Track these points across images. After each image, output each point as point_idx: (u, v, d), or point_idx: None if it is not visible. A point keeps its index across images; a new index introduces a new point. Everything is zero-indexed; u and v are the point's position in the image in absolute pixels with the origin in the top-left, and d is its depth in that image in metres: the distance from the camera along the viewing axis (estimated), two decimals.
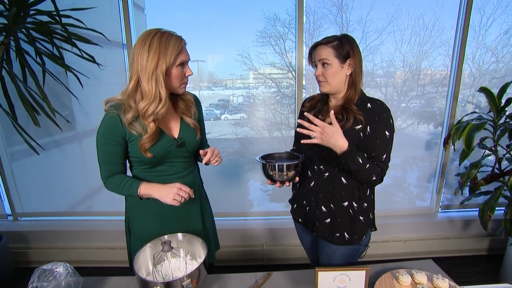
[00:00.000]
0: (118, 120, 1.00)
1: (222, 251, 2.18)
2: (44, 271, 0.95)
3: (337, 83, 1.08)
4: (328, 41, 1.06)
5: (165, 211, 1.14)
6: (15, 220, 2.43)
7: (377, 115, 1.05)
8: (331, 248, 1.16)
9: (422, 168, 2.42)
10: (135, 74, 0.97)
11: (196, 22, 2.17)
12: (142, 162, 1.08)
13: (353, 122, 1.05)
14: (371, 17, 2.10)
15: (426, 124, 2.35)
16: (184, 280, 0.90)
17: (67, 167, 2.40)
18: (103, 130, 1.02)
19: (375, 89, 2.27)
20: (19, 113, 1.76)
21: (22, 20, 1.70)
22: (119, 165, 1.08)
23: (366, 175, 1.03)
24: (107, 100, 1.03)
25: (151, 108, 0.97)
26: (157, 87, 0.96)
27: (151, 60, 0.94)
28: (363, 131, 1.05)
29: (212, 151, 1.10)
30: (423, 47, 2.16)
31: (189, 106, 1.13)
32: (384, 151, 1.06)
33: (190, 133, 1.14)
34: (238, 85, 2.47)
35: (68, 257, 2.23)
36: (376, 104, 1.08)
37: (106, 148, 1.03)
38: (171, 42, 0.96)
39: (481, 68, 2.23)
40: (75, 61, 1.87)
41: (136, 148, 1.02)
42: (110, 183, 1.08)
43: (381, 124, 1.04)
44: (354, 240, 1.14)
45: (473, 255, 2.33)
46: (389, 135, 1.05)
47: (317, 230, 1.17)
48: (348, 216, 1.13)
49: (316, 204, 1.15)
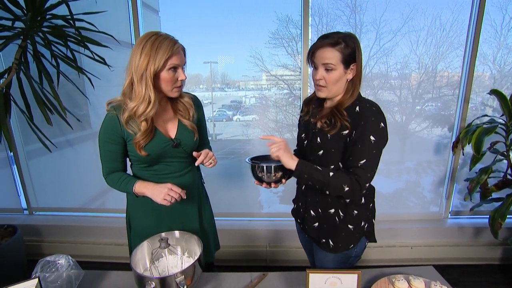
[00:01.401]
0: (117, 120, 1.04)
1: (226, 251, 2.22)
2: (47, 263, 1.00)
3: (337, 88, 1.01)
4: (335, 42, 0.95)
5: (162, 209, 1.16)
6: (30, 214, 2.55)
7: (364, 120, 0.95)
8: (322, 253, 1.16)
9: (437, 172, 2.36)
10: (130, 74, 1.00)
11: (209, 24, 2.21)
12: (139, 161, 1.12)
13: (339, 128, 0.99)
14: (385, 18, 2.06)
15: (440, 127, 2.29)
16: (178, 277, 0.92)
17: (81, 165, 2.50)
18: (104, 130, 1.07)
19: (389, 91, 2.23)
20: (34, 113, 1.86)
21: (38, 24, 1.79)
22: (119, 163, 1.12)
23: (332, 187, 0.97)
24: (109, 101, 1.08)
25: (141, 109, 1.00)
26: (147, 89, 0.98)
27: (141, 62, 0.96)
28: (349, 136, 0.99)
29: (206, 153, 1.11)
30: (440, 48, 2.11)
31: (187, 108, 1.15)
32: (363, 156, 0.95)
33: (187, 134, 1.15)
34: (251, 87, 2.49)
35: (78, 251, 2.32)
36: (365, 107, 0.99)
37: (106, 147, 1.08)
38: (163, 46, 0.97)
39: (503, 69, 2.15)
40: (87, 63, 1.95)
41: (133, 146, 1.06)
42: (110, 180, 1.13)
43: (366, 127, 0.94)
44: (339, 248, 1.10)
45: (486, 263, 2.24)
46: (374, 140, 0.94)
47: (308, 233, 1.17)
48: (333, 223, 1.10)
49: (305, 207, 1.15)
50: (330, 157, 1.04)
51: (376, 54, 2.12)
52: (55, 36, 1.82)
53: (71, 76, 1.97)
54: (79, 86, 2.04)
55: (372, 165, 0.97)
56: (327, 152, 1.04)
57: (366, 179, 0.97)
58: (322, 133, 1.05)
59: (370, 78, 2.18)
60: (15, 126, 2.37)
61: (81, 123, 2.24)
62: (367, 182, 0.98)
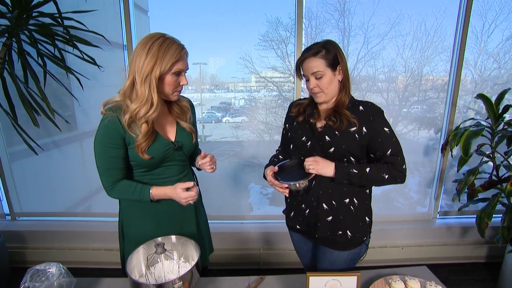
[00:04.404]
0: (118, 123, 0.99)
1: (219, 254, 2.20)
2: (37, 271, 0.95)
3: (332, 90, 1.09)
4: (316, 51, 1.05)
5: (160, 214, 1.14)
6: (13, 219, 2.44)
7: (372, 115, 1.07)
8: (333, 254, 1.16)
9: (423, 173, 2.42)
10: (132, 74, 0.98)
11: (198, 25, 2.19)
12: (140, 165, 1.08)
13: (347, 125, 1.06)
14: (373, 22, 2.11)
15: (426, 129, 2.35)
16: (176, 283, 0.90)
17: (67, 168, 2.42)
18: (103, 134, 1.00)
19: (377, 94, 2.27)
20: (19, 113, 1.78)
21: (24, 22, 1.72)
22: (122, 169, 1.06)
23: (374, 179, 1.05)
24: (106, 102, 1.03)
25: (142, 111, 0.97)
26: (150, 91, 0.96)
27: (147, 64, 0.94)
28: (359, 133, 1.06)
29: (211, 156, 1.13)
30: (425, 53, 2.17)
31: (184, 111, 1.14)
32: (387, 147, 1.06)
33: (186, 137, 1.14)
34: (240, 88, 2.48)
35: (65, 258, 2.24)
36: (368, 105, 1.10)
37: (108, 153, 1.01)
38: (170, 49, 0.96)
39: (483, 74, 2.23)
40: (76, 63, 1.89)
41: (135, 151, 1.02)
42: (117, 191, 1.06)
43: (377, 123, 1.06)
44: (356, 239, 1.14)
45: (471, 262, 2.31)
46: (388, 130, 1.07)
47: (319, 231, 1.14)
48: (350, 213, 1.13)
49: (317, 203, 1.13)
50: (341, 152, 1.08)
51: (364, 57, 2.16)
52: (42, 34, 1.76)
53: (57, 76, 1.90)
54: (65, 86, 1.98)
55: (398, 150, 1.08)
56: (338, 149, 1.08)
57: (400, 163, 1.07)
58: (329, 131, 1.09)
59: (358, 81, 2.21)
60: None
61: (66, 124, 2.15)
62: (402, 165, 1.08)
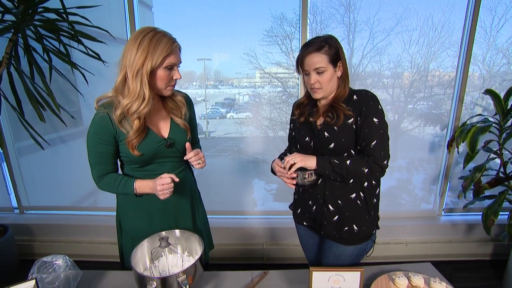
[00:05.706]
0: (108, 120, 0.99)
1: (222, 249, 2.22)
2: (44, 263, 0.97)
3: (331, 87, 1.08)
4: (319, 47, 1.03)
5: (154, 209, 1.14)
6: (21, 213, 2.48)
7: (364, 105, 1.05)
8: (339, 248, 1.15)
9: (428, 170, 2.40)
10: (123, 69, 0.97)
11: (202, 21, 2.18)
12: (132, 162, 1.08)
13: (343, 118, 1.06)
14: (379, 17, 2.08)
15: (432, 126, 2.32)
16: (180, 276, 0.91)
17: (73, 163, 2.45)
18: (94, 130, 1.01)
19: (382, 90, 2.25)
20: (26, 109, 1.80)
21: (30, 17, 1.73)
22: (110, 164, 1.08)
23: (353, 171, 1.03)
24: (99, 98, 1.03)
25: (134, 107, 0.96)
26: (141, 86, 0.95)
27: (138, 58, 0.93)
28: (355, 124, 1.06)
29: (196, 152, 1.07)
30: (432, 48, 2.13)
31: (179, 107, 1.12)
32: (372, 138, 1.03)
33: (180, 133, 1.13)
34: (244, 84, 2.47)
35: (72, 251, 2.28)
36: (361, 94, 1.08)
37: (97, 148, 1.03)
38: (161, 43, 0.94)
39: (491, 70, 2.19)
40: (81, 58, 1.90)
41: (126, 147, 1.02)
42: (103, 183, 1.09)
43: (367, 111, 1.03)
44: (363, 232, 1.12)
45: (476, 259, 2.29)
46: (377, 121, 1.03)
47: (325, 229, 1.15)
48: (356, 207, 1.12)
49: (323, 202, 1.14)
50: (342, 147, 1.08)
51: (369, 52, 2.13)
52: (47, 30, 1.77)
53: (62, 72, 1.91)
54: (71, 81, 1.99)
55: (383, 144, 1.04)
56: (338, 144, 1.07)
57: (382, 158, 1.04)
58: (328, 127, 1.09)
59: (363, 76, 2.18)
60: (5, 122, 2.30)
61: (72, 120, 2.17)
62: (384, 160, 1.04)
